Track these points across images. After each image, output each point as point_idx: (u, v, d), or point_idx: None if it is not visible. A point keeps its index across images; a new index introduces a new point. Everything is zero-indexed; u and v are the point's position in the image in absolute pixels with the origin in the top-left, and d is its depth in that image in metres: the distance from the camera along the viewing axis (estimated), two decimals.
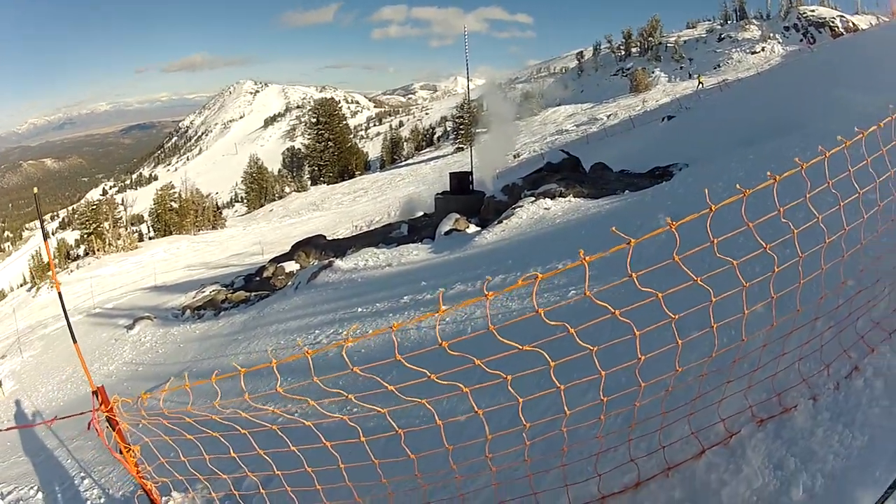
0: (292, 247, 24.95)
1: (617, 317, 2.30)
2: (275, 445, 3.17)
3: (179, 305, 21.47)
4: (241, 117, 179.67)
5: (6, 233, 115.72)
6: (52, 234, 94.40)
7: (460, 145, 69.88)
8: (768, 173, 2.27)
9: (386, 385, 2.52)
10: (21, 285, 51.50)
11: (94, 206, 53.29)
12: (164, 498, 5.18)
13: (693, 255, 2.34)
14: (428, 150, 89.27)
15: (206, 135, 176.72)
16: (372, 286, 11.91)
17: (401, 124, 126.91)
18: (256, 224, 58.44)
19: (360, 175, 78.73)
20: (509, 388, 2.41)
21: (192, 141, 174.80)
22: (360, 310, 9.53)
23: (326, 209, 56.92)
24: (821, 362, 2.98)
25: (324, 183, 78.57)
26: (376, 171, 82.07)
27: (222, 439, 3.37)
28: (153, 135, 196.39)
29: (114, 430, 3.76)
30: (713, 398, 2.96)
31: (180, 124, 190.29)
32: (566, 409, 2.61)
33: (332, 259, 16.21)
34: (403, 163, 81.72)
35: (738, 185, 2.30)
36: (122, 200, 66.94)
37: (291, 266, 22.44)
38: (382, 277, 12.40)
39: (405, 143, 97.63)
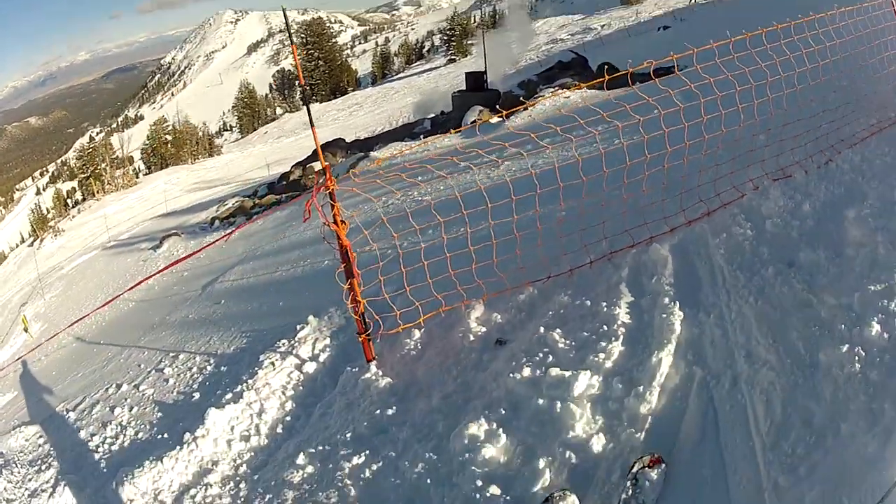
0: (314, 151, 24.89)
1: (690, 87, 4.08)
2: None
3: (206, 219, 21.47)
4: (223, 47, 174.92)
5: None
6: (44, 189, 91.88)
7: (452, 56, 70.28)
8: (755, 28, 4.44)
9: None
10: (19, 244, 49.97)
11: (90, 150, 53.09)
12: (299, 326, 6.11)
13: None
14: (419, 63, 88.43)
15: (190, 68, 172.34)
16: (420, 165, 12.90)
17: (387, 41, 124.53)
18: (253, 147, 58.46)
19: (353, 91, 78.25)
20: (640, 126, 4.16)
21: (176, 76, 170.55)
22: (419, 178, 9.30)
23: (323, 126, 56.54)
24: (806, 154, 4.93)
25: (316, 101, 78.18)
26: (368, 86, 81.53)
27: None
28: (135, 76, 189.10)
29: (333, 203, 4.74)
30: (742, 163, 4.89)
31: (162, 61, 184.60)
32: (668, 146, 4.37)
33: (365, 153, 17.29)
34: (395, 77, 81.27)
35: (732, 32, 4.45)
36: (118, 141, 65.85)
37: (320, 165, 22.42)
38: (426, 158, 13.34)
39: (395, 58, 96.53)
